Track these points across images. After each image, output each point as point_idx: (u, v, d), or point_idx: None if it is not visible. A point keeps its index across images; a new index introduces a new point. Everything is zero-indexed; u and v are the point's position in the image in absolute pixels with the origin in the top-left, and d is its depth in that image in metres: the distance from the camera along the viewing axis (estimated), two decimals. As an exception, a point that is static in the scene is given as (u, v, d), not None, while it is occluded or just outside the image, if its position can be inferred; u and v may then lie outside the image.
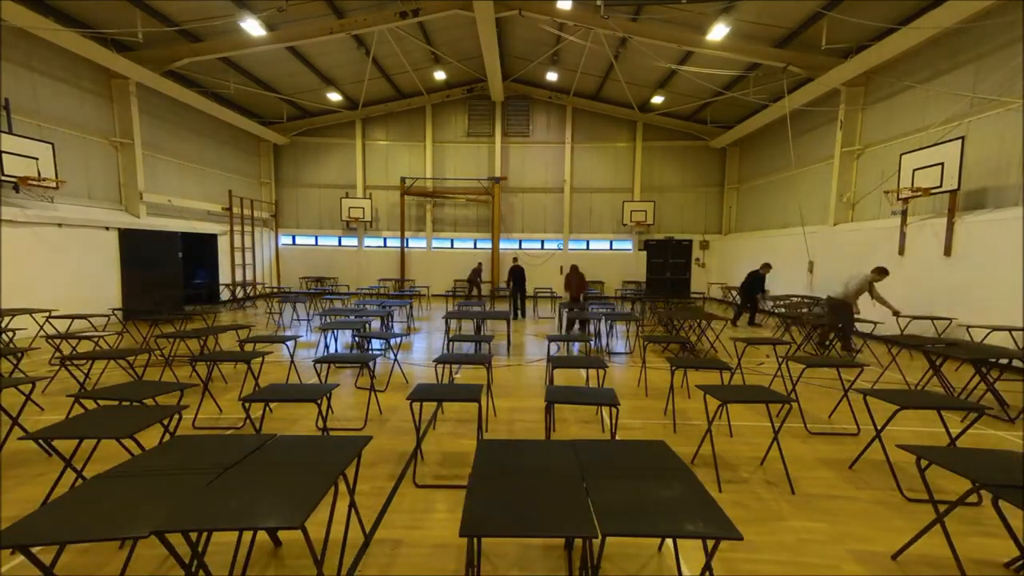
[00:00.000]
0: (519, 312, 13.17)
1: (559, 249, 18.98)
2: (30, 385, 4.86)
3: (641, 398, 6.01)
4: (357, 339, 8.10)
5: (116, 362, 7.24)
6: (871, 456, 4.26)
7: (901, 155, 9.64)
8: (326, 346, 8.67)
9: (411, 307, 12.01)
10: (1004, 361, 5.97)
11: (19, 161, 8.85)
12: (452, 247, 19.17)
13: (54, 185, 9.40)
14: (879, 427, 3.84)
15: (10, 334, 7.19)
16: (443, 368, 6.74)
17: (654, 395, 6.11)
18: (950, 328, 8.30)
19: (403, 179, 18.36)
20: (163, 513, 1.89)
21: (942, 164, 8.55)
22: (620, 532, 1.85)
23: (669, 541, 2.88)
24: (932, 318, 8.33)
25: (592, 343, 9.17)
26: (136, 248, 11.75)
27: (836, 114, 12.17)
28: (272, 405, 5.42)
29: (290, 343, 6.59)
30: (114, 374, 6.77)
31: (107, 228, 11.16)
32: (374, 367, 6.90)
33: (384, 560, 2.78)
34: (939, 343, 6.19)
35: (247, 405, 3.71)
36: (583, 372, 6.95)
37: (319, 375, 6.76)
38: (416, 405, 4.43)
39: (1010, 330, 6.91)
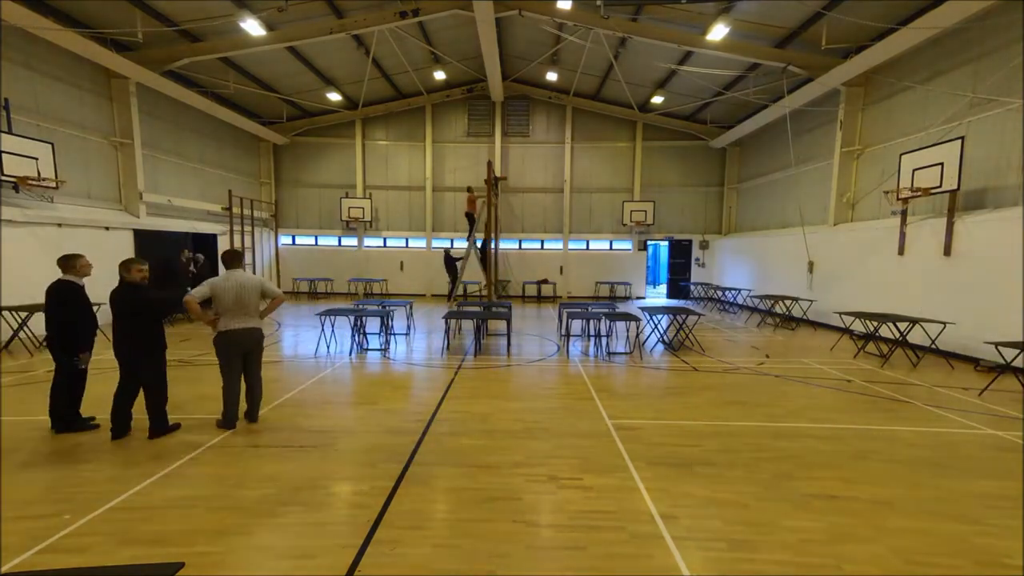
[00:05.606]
0: None
1: (559, 250, 18.95)
2: None
3: (641, 397, 6.01)
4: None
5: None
6: (871, 455, 4.27)
7: (901, 155, 9.63)
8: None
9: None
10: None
11: (19, 161, 8.81)
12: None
13: (54, 185, 9.36)
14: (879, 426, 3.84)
15: None
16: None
17: (654, 395, 6.11)
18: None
19: (491, 166, 18.04)
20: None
21: (942, 164, 8.54)
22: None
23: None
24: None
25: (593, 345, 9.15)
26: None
27: (836, 114, 12.16)
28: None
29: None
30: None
31: (107, 228, 11.15)
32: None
33: (384, 560, 2.78)
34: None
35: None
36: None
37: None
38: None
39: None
